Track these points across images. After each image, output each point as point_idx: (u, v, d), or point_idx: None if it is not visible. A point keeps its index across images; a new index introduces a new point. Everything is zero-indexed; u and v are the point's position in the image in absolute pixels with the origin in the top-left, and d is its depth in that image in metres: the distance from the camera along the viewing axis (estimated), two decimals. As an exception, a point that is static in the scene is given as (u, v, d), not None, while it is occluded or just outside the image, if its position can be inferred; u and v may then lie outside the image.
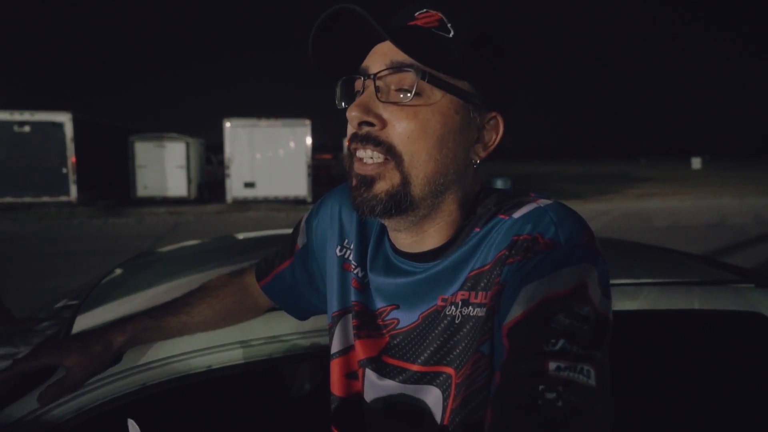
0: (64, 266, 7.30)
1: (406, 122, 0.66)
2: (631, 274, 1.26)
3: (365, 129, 0.68)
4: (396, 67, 0.66)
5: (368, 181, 0.68)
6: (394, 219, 0.71)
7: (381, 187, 0.68)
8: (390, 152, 0.67)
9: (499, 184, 13.72)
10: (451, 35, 0.68)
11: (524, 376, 0.55)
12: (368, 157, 0.68)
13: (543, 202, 0.69)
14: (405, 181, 0.67)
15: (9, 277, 6.57)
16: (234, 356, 0.95)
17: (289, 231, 0.98)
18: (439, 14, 0.68)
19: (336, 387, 0.81)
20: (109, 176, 16.52)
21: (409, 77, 0.66)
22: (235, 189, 14.77)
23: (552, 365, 0.54)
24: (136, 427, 0.78)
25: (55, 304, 1.67)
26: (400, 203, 0.68)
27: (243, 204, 14.70)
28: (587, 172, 37.33)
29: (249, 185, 14.80)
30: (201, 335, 0.96)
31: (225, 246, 2.05)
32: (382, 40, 0.67)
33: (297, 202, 14.86)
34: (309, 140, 14.89)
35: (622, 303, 1.13)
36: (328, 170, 23.11)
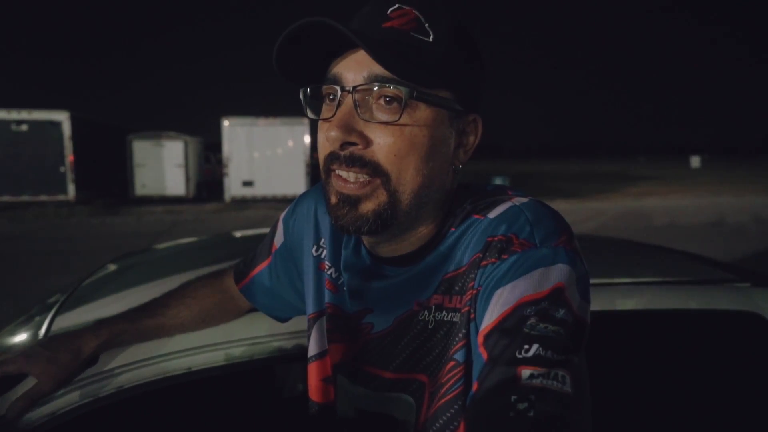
0: (61, 265, 7.28)
1: (392, 140, 0.62)
2: (628, 273, 1.24)
3: (348, 149, 0.63)
4: (378, 81, 0.61)
5: (352, 201, 0.64)
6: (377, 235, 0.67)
7: (367, 206, 0.64)
8: (377, 171, 0.62)
9: (498, 182, 13.68)
10: (430, 38, 0.62)
11: (497, 385, 0.52)
12: (352, 176, 0.63)
13: (519, 200, 0.66)
14: (392, 199, 0.63)
15: (6, 276, 6.55)
16: (215, 358, 0.92)
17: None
18: (415, 12, 0.63)
19: (313, 392, 0.78)
20: (108, 175, 16.47)
21: (393, 93, 0.61)
22: (233, 188, 14.73)
23: (525, 373, 0.51)
24: None
25: (48, 299, 1.65)
26: (387, 221, 0.64)
27: (241, 203, 14.65)
28: (586, 170, 37.31)
29: (247, 184, 14.76)
30: (181, 337, 0.93)
31: (218, 244, 2.03)
32: (356, 45, 0.60)
33: (295, 201, 14.83)
34: (307, 139, 14.84)
35: (619, 302, 1.11)
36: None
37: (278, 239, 0.89)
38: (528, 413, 0.49)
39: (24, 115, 13.57)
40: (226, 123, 14.57)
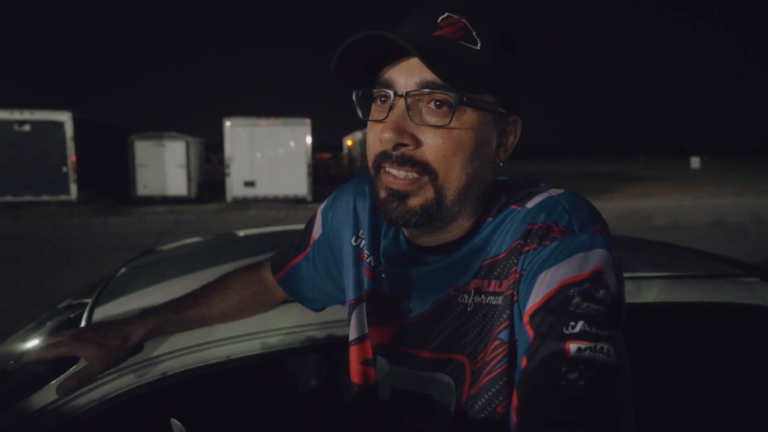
0: (63, 265, 7.31)
1: (441, 141, 0.66)
2: (637, 268, 1.28)
3: (400, 150, 0.67)
4: (429, 87, 0.65)
5: (401, 196, 0.69)
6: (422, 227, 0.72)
7: (415, 202, 0.69)
8: (425, 170, 0.67)
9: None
10: (478, 47, 0.67)
11: (547, 359, 0.57)
12: (402, 173, 0.68)
13: (554, 191, 0.71)
14: (438, 195, 0.68)
15: (9, 276, 6.58)
16: (252, 347, 0.96)
17: (290, 228, 1.00)
18: (464, 21, 0.67)
19: (354, 374, 0.83)
20: (110, 175, 16.50)
21: (443, 99, 0.65)
22: (235, 188, 14.76)
23: (573, 347, 0.56)
24: (180, 425, 0.79)
25: (58, 304, 1.69)
26: (433, 215, 0.69)
27: (243, 203, 14.69)
28: (586, 171, 37.35)
29: (249, 184, 14.79)
30: (220, 326, 0.98)
31: (229, 242, 2.07)
32: (409, 54, 0.64)
33: (297, 201, 14.85)
34: (309, 139, 14.89)
35: (629, 296, 1.14)
36: (328, 169, 23.10)
37: (316, 231, 0.94)
38: (579, 382, 0.54)
39: (26, 115, 13.60)
40: (227, 123, 14.60)
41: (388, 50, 0.66)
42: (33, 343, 1.22)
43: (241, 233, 2.14)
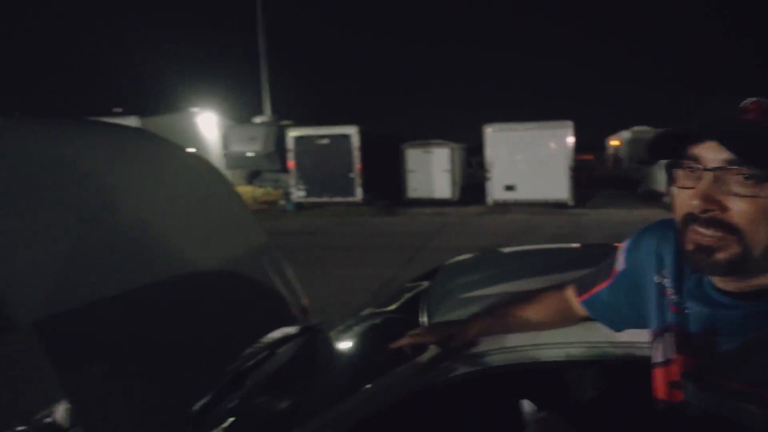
0: (358, 257, 8.85)
1: (746, 207, 0.76)
2: None
3: (708, 214, 0.78)
4: (736, 165, 0.75)
5: (708, 250, 0.79)
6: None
7: (722, 256, 0.79)
8: (731, 231, 0.77)
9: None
10: None
11: None
12: (709, 232, 0.78)
13: None
14: (745, 251, 0.77)
15: (318, 264, 8.14)
16: (556, 354, 1.17)
17: (619, 244, 1.14)
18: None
19: (660, 392, 0.95)
20: (385, 180, 18.72)
21: (749, 174, 0.75)
22: (496, 192, 15.20)
23: None
24: (531, 404, 0.97)
25: (360, 311, 2.07)
26: (739, 267, 0.79)
27: (503, 206, 15.03)
28: None
29: (509, 188, 15.04)
30: (532, 333, 1.21)
31: (564, 254, 2.07)
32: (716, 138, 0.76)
33: (557, 206, 14.48)
34: (570, 142, 14.43)
35: None
36: (590, 171, 21.59)
37: (619, 265, 1.08)
38: None
39: (325, 130, 16.54)
40: (488, 129, 15.10)
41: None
42: (345, 344, 1.62)
43: (577, 246, 2.21)
